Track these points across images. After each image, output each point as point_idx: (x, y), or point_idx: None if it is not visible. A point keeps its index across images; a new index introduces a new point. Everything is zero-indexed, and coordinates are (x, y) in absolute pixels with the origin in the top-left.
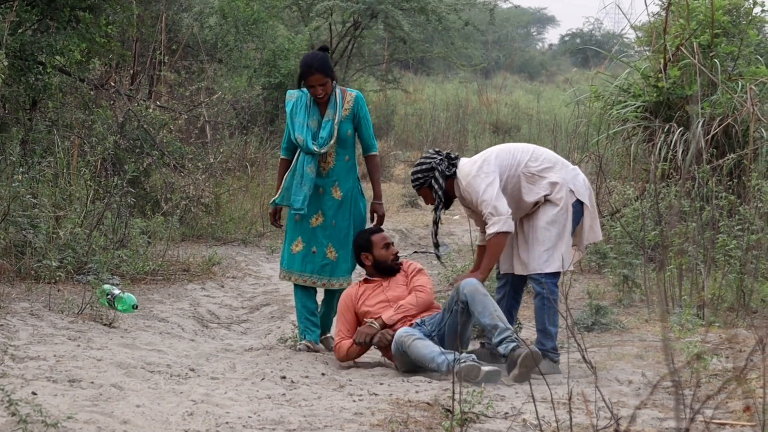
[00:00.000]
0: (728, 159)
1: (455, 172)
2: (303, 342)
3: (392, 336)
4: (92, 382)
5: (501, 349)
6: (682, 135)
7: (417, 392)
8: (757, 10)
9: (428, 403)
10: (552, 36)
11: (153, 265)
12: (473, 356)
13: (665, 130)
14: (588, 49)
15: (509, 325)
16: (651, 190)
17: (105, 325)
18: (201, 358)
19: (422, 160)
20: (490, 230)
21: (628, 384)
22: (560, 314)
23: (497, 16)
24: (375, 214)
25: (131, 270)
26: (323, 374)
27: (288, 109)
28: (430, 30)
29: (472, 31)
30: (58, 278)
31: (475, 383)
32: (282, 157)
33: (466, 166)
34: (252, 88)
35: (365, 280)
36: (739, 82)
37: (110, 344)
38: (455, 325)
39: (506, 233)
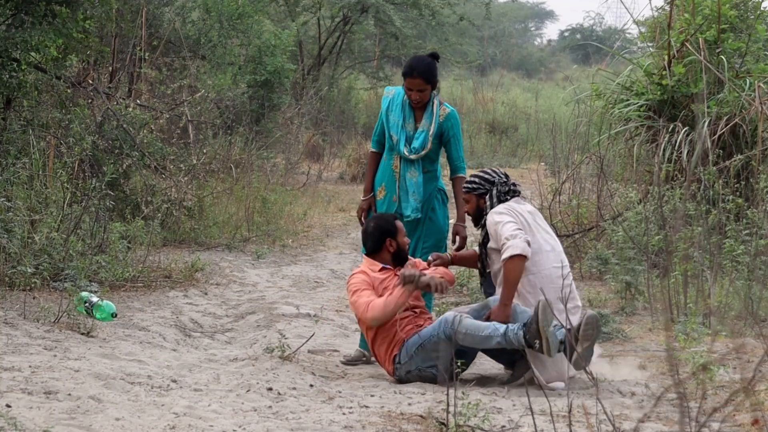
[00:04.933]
0: (735, 160)
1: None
2: (359, 349)
3: (444, 283)
4: (69, 394)
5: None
6: (687, 135)
7: (410, 404)
8: (765, 4)
9: (421, 416)
10: (551, 31)
11: (133, 272)
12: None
13: (669, 129)
14: (589, 45)
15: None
16: (654, 192)
17: (83, 334)
18: (183, 369)
19: (488, 171)
20: (504, 255)
21: (631, 396)
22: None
23: (493, 10)
24: (457, 236)
25: (110, 276)
26: (311, 386)
27: (384, 106)
28: (423, 25)
29: (467, 26)
30: (33, 285)
31: (546, 331)
32: (372, 150)
33: (499, 207)
34: (237, 85)
35: (381, 269)
36: (747, 80)
37: (88, 354)
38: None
39: (520, 257)
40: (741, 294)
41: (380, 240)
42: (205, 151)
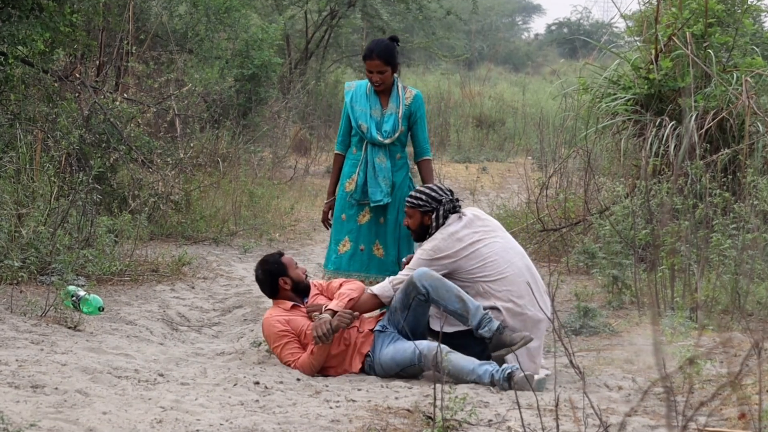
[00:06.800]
0: (722, 154)
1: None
2: None
3: (351, 314)
4: (56, 388)
5: (484, 331)
6: (675, 129)
7: (396, 398)
8: None
9: (408, 410)
10: (538, 25)
11: (120, 266)
12: (516, 366)
13: (657, 124)
14: (576, 39)
15: (476, 303)
16: (642, 186)
17: (70, 328)
18: (170, 363)
19: (435, 188)
20: (374, 287)
21: (618, 390)
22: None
23: (480, 4)
24: None
25: (97, 270)
26: (298, 379)
27: (347, 99)
28: (410, 19)
29: (454, 20)
30: (20, 279)
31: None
32: (336, 151)
33: (439, 236)
34: (224, 79)
35: (291, 308)
36: (734, 74)
37: (75, 348)
38: (417, 320)
39: (375, 297)
40: (728, 288)
41: (273, 283)
42: (192, 144)
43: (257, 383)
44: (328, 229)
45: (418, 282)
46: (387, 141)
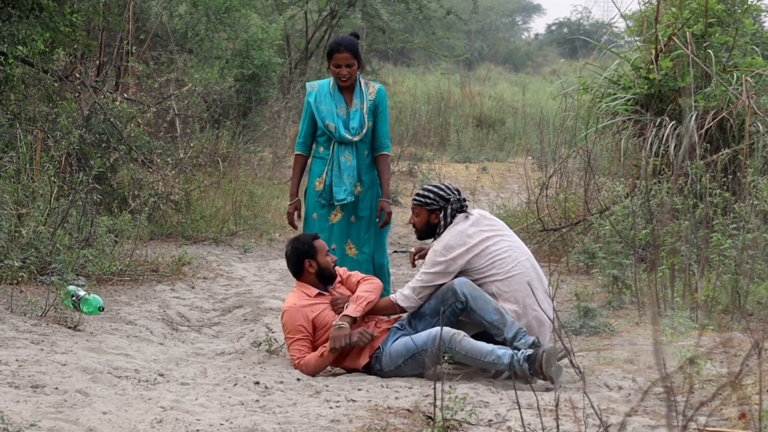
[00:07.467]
0: (723, 154)
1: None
2: None
3: (370, 334)
4: (56, 388)
5: (519, 344)
6: (675, 129)
7: (396, 398)
8: None
9: (408, 410)
10: (538, 25)
11: (120, 266)
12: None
13: (657, 123)
14: (576, 39)
15: (512, 318)
16: (642, 186)
17: (70, 328)
18: (170, 363)
19: (442, 187)
20: (397, 296)
21: (618, 390)
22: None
23: (480, 4)
24: (381, 212)
25: (97, 270)
26: (299, 379)
27: (310, 100)
28: (410, 19)
29: (454, 20)
30: (20, 279)
31: (549, 370)
32: (297, 152)
33: (448, 234)
34: (224, 79)
35: (317, 295)
36: (734, 74)
37: (75, 348)
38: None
39: (397, 307)
40: (728, 288)
41: (299, 263)
42: (192, 144)
43: (257, 383)
44: (296, 229)
45: (459, 289)
46: (356, 138)
